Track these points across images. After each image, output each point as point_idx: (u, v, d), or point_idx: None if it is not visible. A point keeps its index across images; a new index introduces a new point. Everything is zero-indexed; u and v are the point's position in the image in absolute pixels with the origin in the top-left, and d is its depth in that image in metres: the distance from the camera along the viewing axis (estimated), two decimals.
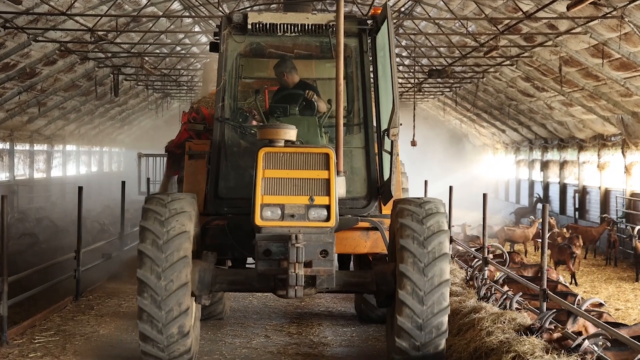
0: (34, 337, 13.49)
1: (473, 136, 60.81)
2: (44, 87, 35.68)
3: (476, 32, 30.87)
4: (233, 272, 11.35)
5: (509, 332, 11.29)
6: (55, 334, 13.72)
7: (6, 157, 41.60)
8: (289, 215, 10.35)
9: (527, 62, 32.42)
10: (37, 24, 27.46)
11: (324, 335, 13.57)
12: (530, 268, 19.58)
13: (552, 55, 29.84)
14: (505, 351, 10.62)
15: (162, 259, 10.01)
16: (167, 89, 49.31)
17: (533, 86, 35.75)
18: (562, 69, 29.35)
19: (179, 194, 10.76)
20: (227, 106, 12.15)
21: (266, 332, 13.74)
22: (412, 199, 10.79)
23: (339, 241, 10.88)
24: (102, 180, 56.85)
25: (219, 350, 12.53)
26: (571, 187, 41.08)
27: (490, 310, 12.61)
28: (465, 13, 30.27)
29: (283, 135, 10.70)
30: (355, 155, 12.03)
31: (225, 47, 11.99)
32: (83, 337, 13.42)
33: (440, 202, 10.63)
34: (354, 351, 12.65)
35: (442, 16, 31.52)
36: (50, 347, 12.79)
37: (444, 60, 36.52)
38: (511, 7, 26.42)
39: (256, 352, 12.49)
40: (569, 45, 27.57)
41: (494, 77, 38.60)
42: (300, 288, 9.92)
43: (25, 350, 12.65)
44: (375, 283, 10.87)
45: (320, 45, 12.42)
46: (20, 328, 13.91)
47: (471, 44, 31.78)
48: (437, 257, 10.08)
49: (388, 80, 11.10)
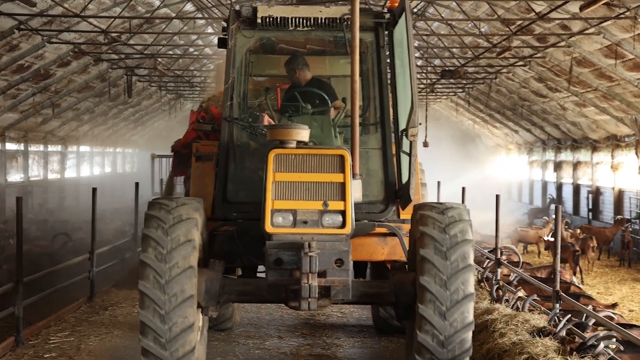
0: (49, 337, 13.56)
1: (486, 137, 60.72)
2: (58, 88, 35.89)
3: (489, 32, 30.85)
4: (242, 282, 10.69)
5: (522, 334, 11.30)
6: (69, 334, 13.79)
7: (20, 158, 41.78)
8: (301, 222, 9.64)
9: (540, 62, 32.39)
10: (51, 26, 27.62)
11: (337, 337, 13.58)
12: (544, 269, 19.57)
13: (565, 55, 29.79)
14: (518, 353, 10.63)
15: (166, 270, 9.30)
16: (180, 90, 49.44)
17: (546, 87, 35.69)
18: (575, 69, 29.31)
19: (184, 199, 10.01)
20: (236, 105, 11.45)
21: (279, 333, 13.76)
22: (434, 204, 9.97)
23: (354, 248, 10.01)
24: (115, 181, 57.03)
25: (232, 350, 12.57)
26: (585, 188, 40.99)
27: (503, 312, 12.62)
28: (477, 14, 30.25)
29: (295, 135, 9.97)
30: (372, 156, 11.31)
31: (234, 43, 11.23)
32: (97, 338, 13.47)
33: (464, 208, 9.86)
34: (367, 352, 12.68)
35: (455, 17, 31.50)
36: (65, 348, 12.86)
37: (456, 60, 36.50)
38: (524, 7, 26.41)
39: (269, 353, 12.52)
40: (582, 46, 27.53)
41: (507, 77, 38.57)
42: (313, 300, 9.21)
43: (40, 350, 12.72)
44: (394, 294, 10.03)
45: (334, 40, 11.61)
46: (35, 329, 13.99)
47: (484, 44, 31.77)
48: (460, 269, 9.29)
49: (406, 77, 10.38)
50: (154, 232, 9.42)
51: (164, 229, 9.42)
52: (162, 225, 9.44)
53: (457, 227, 9.48)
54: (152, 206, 9.72)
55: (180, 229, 9.44)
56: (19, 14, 24.57)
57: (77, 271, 18.70)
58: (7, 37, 26.03)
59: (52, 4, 24.45)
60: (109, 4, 27.80)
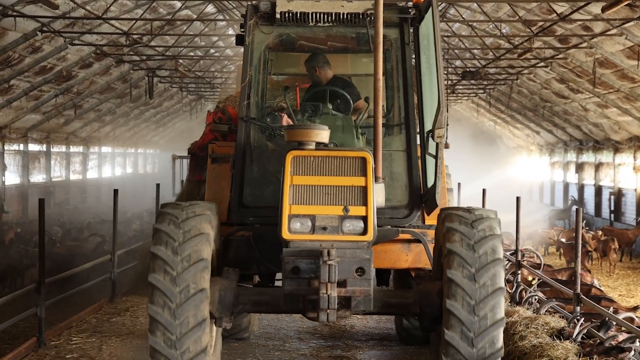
0: (71, 338, 13.66)
1: (507, 138, 60.54)
2: (80, 89, 36.12)
3: (510, 33, 30.76)
4: (257, 292, 10.09)
5: (542, 337, 11.29)
6: (91, 335, 13.89)
7: (43, 159, 42.06)
8: (320, 228, 9.15)
9: (562, 63, 32.25)
10: (73, 28, 27.79)
11: (357, 338, 13.59)
12: (564, 271, 19.51)
13: (587, 56, 29.67)
14: (538, 355, 10.65)
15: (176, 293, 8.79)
16: (201, 91, 49.59)
17: (568, 88, 35.56)
18: (598, 70, 29.18)
19: (195, 207, 9.41)
20: (253, 105, 10.89)
21: (299, 335, 13.79)
22: (462, 214, 9.34)
23: (376, 255, 9.60)
24: (136, 182, 57.30)
25: (252, 352, 12.61)
26: (606, 189, 40.78)
27: (524, 314, 12.60)
28: (499, 15, 30.17)
29: (314, 136, 9.43)
30: (396, 159, 10.76)
31: (252, 39, 10.72)
32: (119, 339, 13.56)
33: (495, 218, 9.30)
34: (387, 354, 12.68)
35: (476, 18, 31.44)
36: (86, 349, 12.95)
37: (477, 62, 36.43)
38: (545, 8, 26.31)
39: (289, 354, 12.54)
40: (604, 47, 27.41)
41: (528, 78, 38.44)
42: (332, 311, 8.62)
43: (62, 351, 12.83)
44: (418, 304, 9.45)
45: (357, 36, 11.09)
46: (57, 329, 14.09)
47: (505, 45, 31.68)
48: (489, 261, 8.80)
49: (433, 76, 9.83)
50: (162, 250, 8.92)
51: (173, 248, 8.91)
52: (172, 243, 8.93)
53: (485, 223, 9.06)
54: (161, 217, 9.23)
55: (191, 246, 8.94)
56: (42, 16, 24.73)
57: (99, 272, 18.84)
58: (30, 39, 26.19)
59: (75, 6, 24.59)
60: (131, 6, 27.94)
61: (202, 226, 9.06)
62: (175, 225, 9.00)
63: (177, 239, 8.91)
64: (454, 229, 9.07)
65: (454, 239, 8.97)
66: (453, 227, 9.04)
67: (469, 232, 9.00)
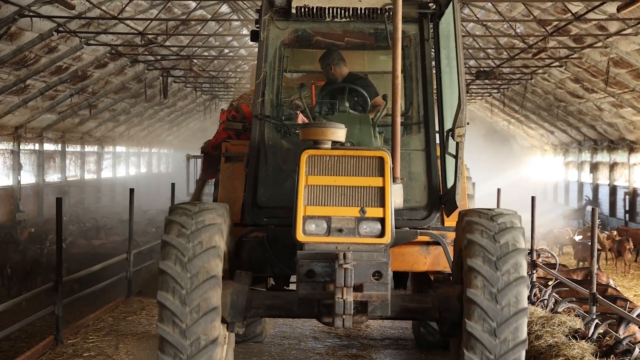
0: (87, 336, 13.74)
1: (521, 137, 60.48)
2: (95, 89, 36.32)
3: (524, 33, 30.74)
4: (271, 296, 9.68)
5: (558, 336, 11.29)
6: (107, 333, 13.96)
7: (58, 159, 42.30)
8: (336, 230, 8.79)
9: (576, 63, 32.23)
10: (88, 28, 27.95)
11: (372, 337, 13.61)
12: (580, 271, 19.50)
13: (601, 56, 29.64)
14: (554, 355, 10.65)
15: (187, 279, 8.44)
16: (214, 90, 49.72)
17: (582, 87, 35.51)
18: (612, 70, 29.12)
19: (208, 204, 9.12)
20: (268, 102, 10.54)
21: (314, 334, 13.81)
22: (482, 210, 9.09)
23: (394, 257, 9.25)
24: (150, 181, 57.49)
25: (268, 351, 12.65)
26: (621, 189, 40.70)
27: (539, 314, 12.60)
28: (513, 15, 30.16)
29: (330, 135, 9.05)
30: (414, 158, 10.45)
31: (266, 35, 10.36)
32: (135, 337, 13.63)
33: (515, 214, 9.01)
34: (403, 354, 12.71)
35: (490, 18, 31.43)
36: (103, 347, 13.01)
37: (491, 61, 36.41)
38: (560, 8, 26.28)
39: (305, 353, 12.58)
40: (619, 47, 27.38)
41: (543, 78, 38.41)
42: (348, 317, 8.30)
43: (80, 349, 12.89)
44: (438, 309, 9.11)
45: (375, 32, 10.68)
46: (74, 328, 14.18)
47: (519, 45, 31.67)
48: (512, 280, 8.38)
49: (453, 73, 9.48)
50: (174, 238, 8.59)
51: (186, 235, 8.58)
52: (184, 231, 8.61)
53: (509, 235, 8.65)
54: (174, 211, 8.93)
55: (204, 234, 8.62)
56: (58, 16, 24.89)
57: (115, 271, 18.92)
58: (46, 39, 26.40)
59: (90, 6, 24.73)
60: (146, 6, 28.10)
61: (212, 238, 8.64)
62: (184, 237, 8.58)
63: (187, 254, 8.50)
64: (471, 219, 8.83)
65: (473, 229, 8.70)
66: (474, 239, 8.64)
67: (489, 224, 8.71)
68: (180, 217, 8.72)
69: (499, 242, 8.53)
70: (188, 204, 9.00)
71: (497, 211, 8.96)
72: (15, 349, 14.83)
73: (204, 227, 8.63)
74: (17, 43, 25.53)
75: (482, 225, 8.70)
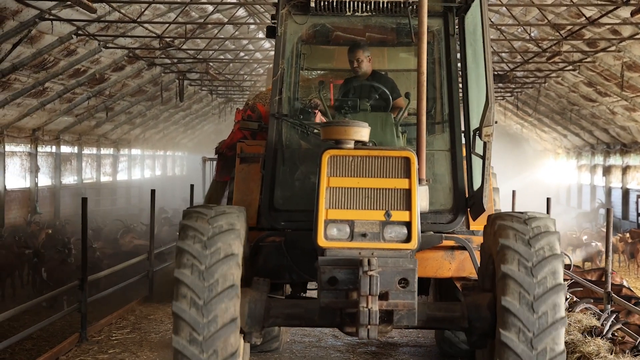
0: (111, 334, 14.04)
1: (534, 141, 60.55)
2: (112, 92, 36.58)
3: (539, 37, 30.91)
4: (290, 304, 9.13)
5: (575, 334, 11.49)
6: (131, 331, 14.27)
7: (74, 161, 42.59)
8: (359, 235, 8.33)
9: (590, 67, 32.37)
10: (107, 31, 28.26)
11: (390, 336, 13.72)
12: (594, 272, 19.69)
13: (615, 60, 29.78)
14: (571, 352, 10.84)
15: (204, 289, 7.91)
16: (230, 93, 49.99)
17: (595, 91, 35.64)
18: (626, 74, 29.27)
19: (224, 207, 8.67)
20: (285, 100, 10.07)
21: (334, 332, 13.92)
22: (514, 213, 8.62)
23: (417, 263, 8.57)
24: (165, 184, 57.77)
25: (289, 348, 12.86)
26: (634, 192, 40.81)
27: None
28: (527, 19, 30.31)
29: (353, 134, 8.59)
30: (439, 159, 9.99)
31: (284, 30, 9.90)
32: (158, 335, 13.92)
33: (549, 217, 8.53)
34: (421, 351, 12.89)
35: (504, 22, 31.62)
36: (127, 344, 13.33)
37: (505, 65, 36.58)
38: (574, 12, 26.45)
39: (325, 350, 12.80)
40: (632, 51, 27.53)
41: (556, 82, 38.53)
42: (373, 327, 7.82)
43: (105, 346, 13.20)
44: (467, 318, 8.61)
45: (397, 27, 10.20)
46: (98, 326, 14.49)
47: (533, 49, 31.82)
48: (549, 288, 7.90)
49: (480, 69, 8.90)
50: (190, 244, 8.09)
51: (202, 242, 8.09)
52: (200, 237, 8.11)
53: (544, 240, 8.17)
54: (188, 215, 8.42)
55: (222, 241, 8.11)
56: (78, 19, 25.18)
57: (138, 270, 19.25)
58: (65, 42, 26.68)
59: (110, 9, 25.01)
60: (164, 10, 28.36)
61: (230, 245, 8.15)
62: (201, 244, 8.09)
63: (204, 262, 7.99)
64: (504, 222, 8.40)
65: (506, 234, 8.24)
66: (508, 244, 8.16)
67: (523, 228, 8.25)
68: (195, 222, 8.25)
69: (534, 247, 8.07)
70: (203, 207, 8.57)
71: (531, 214, 8.49)
72: (37, 348, 15.10)
73: (221, 233, 8.17)
74: (37, 46, 25.80)
75: (515, 230, 8.24)
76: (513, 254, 8.01)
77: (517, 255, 7.99)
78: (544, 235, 8.15)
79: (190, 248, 8.06)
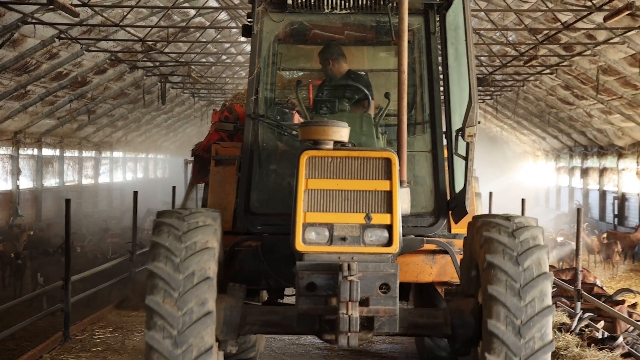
0: (94, 333, 14.15)
1: (514, 143, 60.98)
2: (94, 95, 36.66)
3: (516, 41, 31.28)
4: (267, 311, 8.60)
5: None
6: (113, 330, 14.39)
7: (56, 164, 42.59)
8: (339, 238, 7.94)
9: (567, 70, 32.74)
10: (89, 35, 28.40)
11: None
12: (568, 271, 20.07)
13: (590, 64, 30.20)
14: None
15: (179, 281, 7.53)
16: (212, 96, 50.12)
17: (572, 94, 36.04)
18: (601, 77, 29.68)
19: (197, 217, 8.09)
20: (261, 101, 9.68)
21: None
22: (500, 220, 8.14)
23: None
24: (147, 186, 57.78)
25: (269, 346, 12.96)
26: (610, 194, 41.26)
27: None
28: (505, 23, 30.70)
29: (332, 134, 8.21)
30: (420, 160, 9.64)
31: (260, 28, 9.53)
32: (140, 334, 13.99)
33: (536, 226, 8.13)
34: (397, 348, 13.02)
35: (483, 26, 31.97)
36: (110, 343, 13.46)
37: (484, 68, 36.94)
38: (550, 17, 26.85)
39: (305, 348, 12.89)
40: (607, 55, 27.95)
41: (534, 85, 38.90)
42: (354, 334, 7.46)
43: (87, 345, 13.32)
44: (450, 325, 8.24)
45: (376, 26, 9.89)
46: (81, 325, 14.63)
47: (511, 53, 32.17)
48: (536, 276, 7.61)
49: (462, 68, 8.61)
50: (165, 238, 7.73)
51: (177, 236, 7.73)
52: (175, 232, 7.76)
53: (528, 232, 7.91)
54: (163, 214, 8.10)
55: (197, 235, 7.78)
56: (61, 23, 25.34)
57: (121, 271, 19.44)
58: (48, 46, 26.81)
59: (92, 13, 25.15)
60: (146, 14, 28.49)
61: (207, 240, 7.83)
62: (176, 238, 7.73)
63: (179, 254, 7.63)
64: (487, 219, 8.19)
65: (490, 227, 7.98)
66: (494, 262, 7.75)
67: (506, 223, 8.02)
68: (170, 219, 7.94)
69: (523, 266, 7.68)
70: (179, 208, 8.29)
71: (518, 222, 8.08)
72: (20, 348, 15.25)
73: (197, 228, 7.86)
74: (20, 49, 25.93)
75: (498, 224, 8.00)
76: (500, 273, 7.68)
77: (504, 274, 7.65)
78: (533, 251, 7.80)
79: (164, 241, 7.71)
